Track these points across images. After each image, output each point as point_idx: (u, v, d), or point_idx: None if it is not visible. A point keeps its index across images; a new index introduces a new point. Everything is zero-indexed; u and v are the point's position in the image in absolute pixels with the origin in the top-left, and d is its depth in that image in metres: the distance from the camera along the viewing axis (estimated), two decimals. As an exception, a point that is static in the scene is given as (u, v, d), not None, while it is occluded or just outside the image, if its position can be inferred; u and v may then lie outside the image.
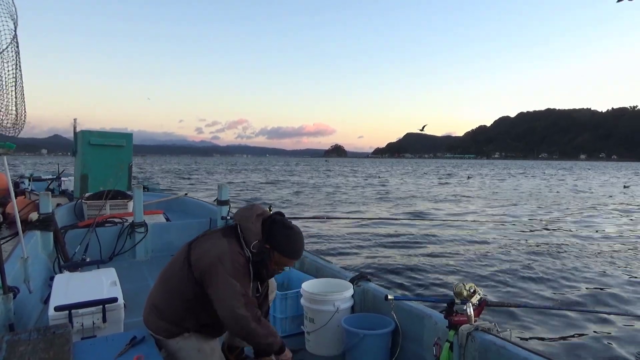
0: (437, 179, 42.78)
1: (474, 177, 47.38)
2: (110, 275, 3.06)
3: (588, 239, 10.49)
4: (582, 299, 6.08)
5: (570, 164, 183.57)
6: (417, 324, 2.67)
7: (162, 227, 5.78)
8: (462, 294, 2.19)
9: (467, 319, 2.19)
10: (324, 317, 2.95)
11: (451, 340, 2.21)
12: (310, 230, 10.84)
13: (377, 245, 9.47)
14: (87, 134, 9.00)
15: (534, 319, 5.22)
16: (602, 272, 7.39)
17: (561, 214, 15.42)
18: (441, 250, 8.94)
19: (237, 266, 2.11)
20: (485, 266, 7.69)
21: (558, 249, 9.13)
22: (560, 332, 4.96)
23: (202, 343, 2.26)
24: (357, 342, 2.74)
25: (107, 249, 5.26)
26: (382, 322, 2.86)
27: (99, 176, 8.58)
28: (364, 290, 3.16)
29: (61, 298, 2.64)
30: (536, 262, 7.99)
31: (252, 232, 2.20)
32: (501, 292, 6.35)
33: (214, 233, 2.28)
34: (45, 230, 4.63)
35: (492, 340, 2.10)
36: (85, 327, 2.58)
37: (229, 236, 2.21)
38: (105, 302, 2.63)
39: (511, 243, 9.75)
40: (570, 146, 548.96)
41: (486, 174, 57.91)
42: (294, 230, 2.25)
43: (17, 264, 3.33)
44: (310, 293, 3.05)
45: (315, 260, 3.92)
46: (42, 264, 4.34)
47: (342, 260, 7.95)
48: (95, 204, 6.44)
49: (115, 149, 9.03)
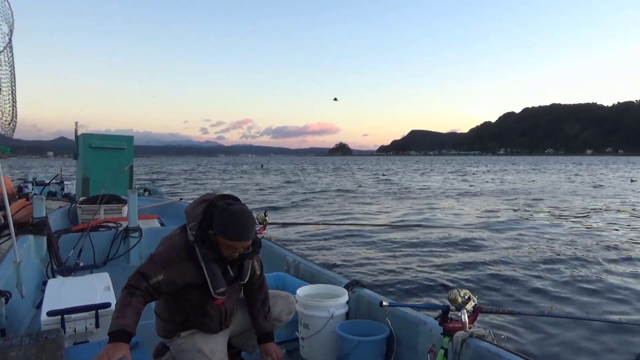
0: (457, 176, 42.04)
1: (492, 172, 46.34)
2: (104, 280, 3.05)
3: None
4: (581, 305, 6.09)
5: (579, 158, 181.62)
6: (411, 331, 2.66)
7: (157, 232, 5.75)
8: (456, 300, 2.19)
9: (461, 326, 2.19)
10: (319, 323, 2.94)
11: (446, 347, 2.21)
12: (305, 236, 10.83)
13: (373, 251, 9.46)
14: (88, 137, 9.06)
15: (529, 326, 5.23)
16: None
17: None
18: (437, 257, 8.94)
19: (164, 248, 2.20)
20: (483, 272, 7.69)
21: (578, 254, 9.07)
22: (555, 339, 4.96)
23: (202, 344, 2.29)
24: (351, 348, 2.73)
25: (101, 253, 5.23)
26: (377, 328, 2.85)
27: (100, 179, 8.60)
28: (358, 297, 3.15)
29: (54, 303, 2.62)
30: (549, 268, 7.97)
31: (190, 216, 2.23)
32: (496, 298, 6.36)
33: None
34: (38, 234, 4.61)
35: (486, 347, 2.10)
36: (78, 332, 2.56)
37: (176, 230, 2.31)
38: (98, 307, 2.62)
39: (521, 247, 9.75)
40: (576, 141, 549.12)
41: (500, 169, 57.22)
42: (231, 212, 2.16)
43: (10, 268, 3.30)
44: (305, 299, 3.04)
45: (310, 266, 3.91)
46: (35, 268, 4.31)
47: (337, 266, 7.94)
48: (90, 208, 6.41)
49: (116, 151, 9.09)
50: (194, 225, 2.18)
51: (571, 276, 7.52)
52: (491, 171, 53.96)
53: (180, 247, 2.18)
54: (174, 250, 2.18)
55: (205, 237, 2.17)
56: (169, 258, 2.15)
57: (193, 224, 2.19)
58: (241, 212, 2.19)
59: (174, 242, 2.21)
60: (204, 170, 68.06)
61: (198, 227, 2.17)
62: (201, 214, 2.20)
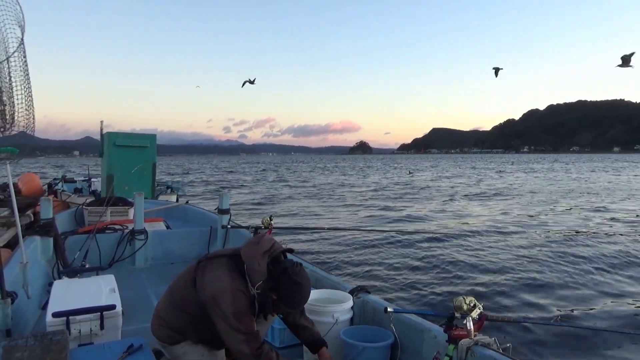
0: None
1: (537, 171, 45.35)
2: (109, 282, 3.05)
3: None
4: (592, 315, 6.00)
5: (615, 156, 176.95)
6: (416, 338, 2.65)
7: (163, 235, 5.77)
8: (462, 307, 2.18)
9: (467, 334, 2.17)
10: (323, 328, 2.92)
11: (451, 354, 2.19)
12: (309, 240, 10.81)
13: (378, 256, 9.42)
14: (113, 136, 9.40)
15: (536, 334, 5.18)
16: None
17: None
18: (445, 263, 8.89)
19: (238, 304, 2.18)
20: (490, 279, 7.64)
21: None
22: (562, 348, 4.91)
23: (206, 350, 2.36)
24: (355, 354, 2.72)
25: (107, 255, 5.25)
26: (382, 334, 2.84)
27: (124, 176, 8.98)
28: (363, 302, 3.14)
29: (59, 304, 2.63)
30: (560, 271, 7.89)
31: (257, 273, 2.23)
32: (502, 305, 6.30)
33: (221, 260, 2.32)
34: (45, 235, 4.63)
35: (491, 355, 2.08)
36: (83, 333, 2.57)
37: (233, 271, 2.25)
38: (103, 309, 2.62)
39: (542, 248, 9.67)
40: (603, 139, 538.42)
41: (541, 168, 56.46)
42: (302, 285, 2.24)
43: (16, 269, 3.32)
44: (309, 304, 3.02)
45: (314, 271, 3.90)
46: (41, 269, 4.34)
47: (341, 272, 7.92)
48: (96, 210, 6.44)
49: (139, 149, 9.43)
50: (261, 285, 2.22)
51: (585, 284, 7.43)
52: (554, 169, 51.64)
53: (249, 301, 2.23)
54: (247, 305, 2.22)
55: (267, 296, 2.24)
56: (245, 309, 2.21)
57: (260, 283, 2.22)
58: (308, 283, 2.28)
59: (239, 299, 2.20)
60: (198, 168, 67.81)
61: (263, 286, 2.23)
62: (266, 273, 2.23)
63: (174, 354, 2.38)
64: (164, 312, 2.39)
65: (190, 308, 2.30)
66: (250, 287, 2.23)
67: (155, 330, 2.41)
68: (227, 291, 2.18)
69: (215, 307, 2.18)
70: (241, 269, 2.25)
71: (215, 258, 2.35)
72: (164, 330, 2.37)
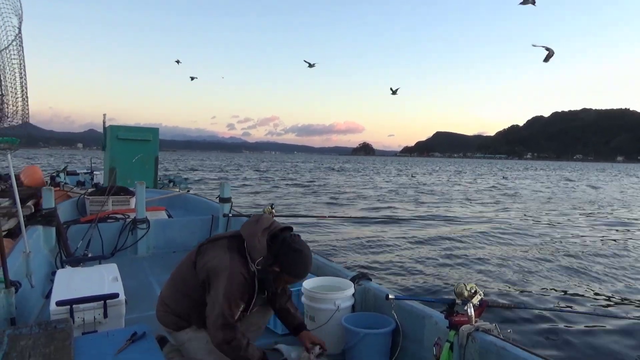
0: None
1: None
2: (112, 271, 3.07)
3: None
4: (590, 301, 6.05)
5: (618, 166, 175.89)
6: (417, 324, 2.66)
7: (164, 224, 5.78)
8: (463, 294, 2.18)
9: (467, 320, 2.18)
10: (325, 315, 2.95)
11: (451, 340, 2.21)
12: (311, 228, 10.84)
13: (379, 244, 9.46)
14: (115, 129, 9.39)
15: (536, 320, 5.21)
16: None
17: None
18: (445, 251, 8.92)
19: (232, 286, 2.17)
20: (491, 266, 7.67)
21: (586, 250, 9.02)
22: (562, 334, 4.94)
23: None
24: (357, 341, 2.74)
25: (109, 244, 5.27)
26: (383, 321, 2.86)
27: (126, 169, 8.99)
28: (365, 289, 3.15)
29: (63, 293, 2.65)
30: (552, 262, 7.96)
31: (257, 249, 2.24)
32: (503, 292, 6.34)
33: (221, 242, 2.33)
34: (47, 225, 4.64)
35: (492, 341, 2.10)
36: (87, 322, 2.59)
37: (233, 251, 2.26)
38: (106, 298, 2.64)
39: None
40: (607, 147, 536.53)
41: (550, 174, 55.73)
42: (303, 252, 2.26)
43: (20, 258, 3.34)
44: (310, 291, 3.05)
45: (316, 258, 3.91)
46: (44, 258, 4.36)
47: (343, 259, 7.95)
48: (98, 199, 6.45)
49: (142, 143, 9.44)
50: (261, 260, 2.23)
51: (587, 273, 7.48)
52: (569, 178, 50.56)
53: (248, 280, 2.23)
54: (245, 285, 2.22)
55: (268, 272, 2.26)
56: (242, 291, 2.21)
57: (260, 259, 2.23)
58: (309, 252, 2.29)
59: (243, 277, 2.21)
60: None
61: (263, 262, 2.23)
62: (266, 248, 2.24)
63: (179, 340, 2.40)
64: (169, 298, 2.41)
65: (192, 291, 2.31)
66: (250, 264, 2.24)
67: (161, 317, 2.43)
68: (225, 270, 2.19)
69: (210, 283, 2.21)
70: (241, 249, 2.27)
71: (216, 240, 2.37)
72: (169, 316, 2.39)
